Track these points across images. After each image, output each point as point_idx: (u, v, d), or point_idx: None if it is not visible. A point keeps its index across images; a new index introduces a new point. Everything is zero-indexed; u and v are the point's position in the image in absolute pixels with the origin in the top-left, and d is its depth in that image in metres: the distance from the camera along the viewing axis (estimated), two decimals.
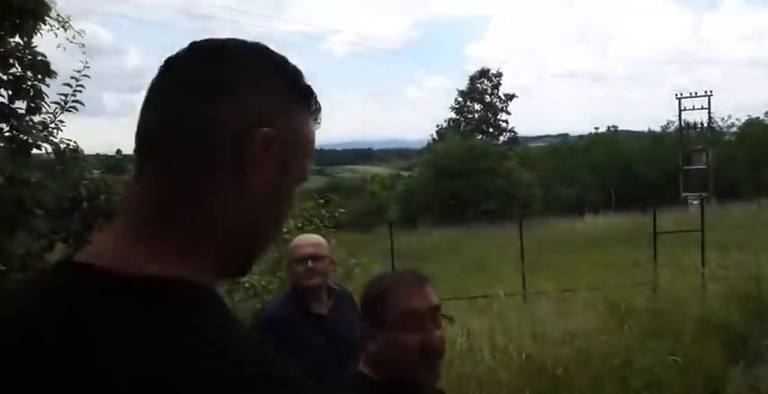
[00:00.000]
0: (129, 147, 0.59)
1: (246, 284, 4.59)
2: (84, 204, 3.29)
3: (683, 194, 29.46)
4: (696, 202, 21.43)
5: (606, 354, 4.40)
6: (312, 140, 0.63)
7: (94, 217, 3.28)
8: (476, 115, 40.51)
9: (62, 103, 3.45)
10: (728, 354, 4.76)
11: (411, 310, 1.18)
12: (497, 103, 40.80)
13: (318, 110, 0.64)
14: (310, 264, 2.29)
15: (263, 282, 4.75)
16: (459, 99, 40.54)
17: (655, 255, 8.35)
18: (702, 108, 33.08)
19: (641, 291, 6.17)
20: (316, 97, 0.63)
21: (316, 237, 2.52)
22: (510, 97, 40.97)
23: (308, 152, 0.62)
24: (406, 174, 46.48)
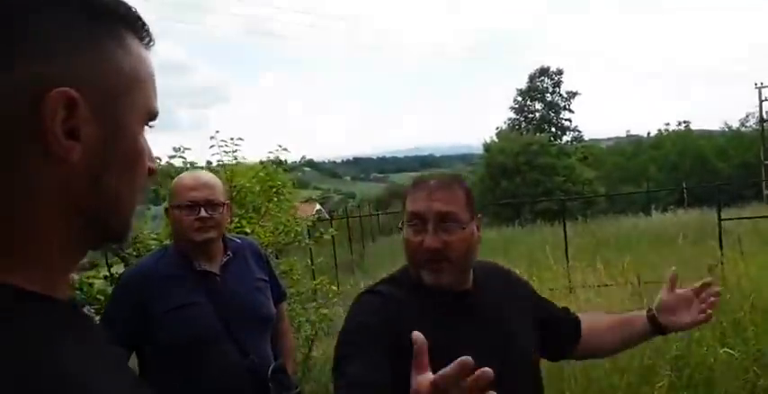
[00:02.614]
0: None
1: None
2: None
3: (766, 192, 27.16)
4: None
5: (659, 347, 3.88)
6: (138, 68, 0.54)
7: None
8: (536, 115, 39.24)
9: None
10: None
11: (413, 212, 1.23)
12: (559, 102, 39.39)
13: (141, 24, 0.54)
14: (203, 212, 1.84)
15: None
16: (519, 98, 39.43)
17: (720, 246, 7.49)
18: None
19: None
20: (131, 12, 0.54)
21: (209, 176, 1.97)
22: (572, 95, 39.47)
23: (134, 86, 0.53)
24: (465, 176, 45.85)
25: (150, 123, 0.57)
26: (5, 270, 0.48)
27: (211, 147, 3.77)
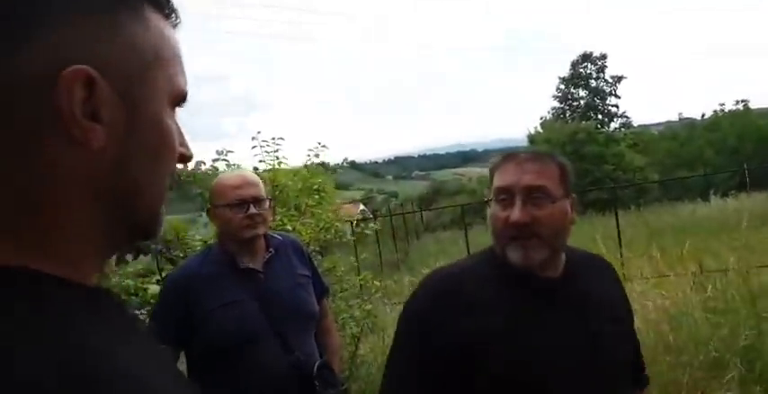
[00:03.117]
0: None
1: None
2: None
3: None
4: None
5: (725, 338, 3.66)
6: (162, 46, 0.50)
7: None
8: (581, 102, 38.25)
9: None
10: None
11: (501, 186, 1.18)
12: (604, 87, 38.26)
13: (166, 3, 0.51)
14: (253, 209, 1.84)
15: None
16: (562, 87, 38.50)
17: None
18: None
19: None
20: None
21: (251, 174, 2.02)
22: (618, 79, 38.23)
23: (158, 65, 0.50)
24: None
25: (180, 105, 0.54)
26: (26, 256, 0.45)
27: (253, 147, 3.79)
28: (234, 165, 3.81)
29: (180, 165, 0.56)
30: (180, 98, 0.53)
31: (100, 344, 0.43)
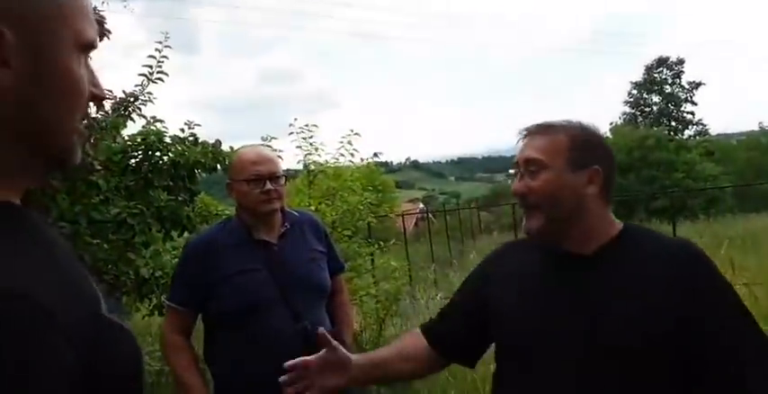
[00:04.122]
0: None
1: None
2: (146, 163, 3.33)
3: None
4: None
5: None
6: (73, 1, 0.57)
7: (155, 175, 3.30)
8: (654, 108, 36.62)
9: (148, 74, 3.58)
10: None
11: (514, 162, 1.25)
12: (680, 93, 36.48)
13: None
14: (269, 185, 1.91)
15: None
16: (634, 91, 37.01)
17: None
18: None
19: None
20: None
21: (268, 150, 2.09)
22: (695, 85, 36.38)
23: (63, 16, 0.56)
24: None
25: (88, 51, 0.60)
26: None
27: (290, 133, 3.92)
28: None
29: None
30: (87, 46, 0.59)
31: None
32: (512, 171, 1.29)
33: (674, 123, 36.11)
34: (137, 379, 0.60)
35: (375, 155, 4.52)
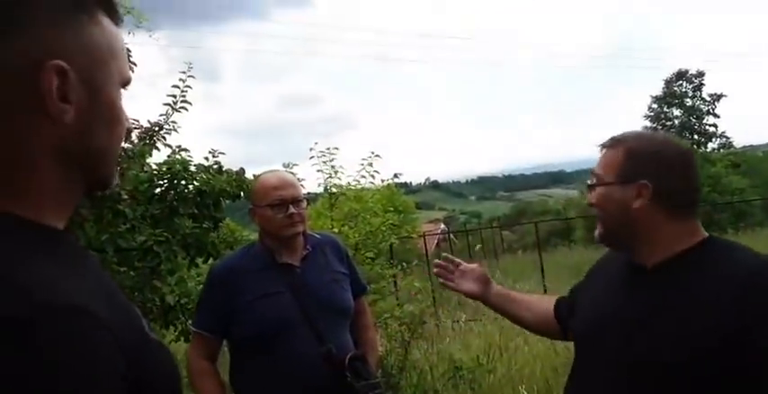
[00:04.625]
0: None
1: None
2: (172, 192, 3.39)
3: None
4: None
5: None
6: (113, 43, 0.65)
7: (180, 203, 3.36)
8: (675, 122, 36.21)
9: (172, 104, 3.68)
10: None
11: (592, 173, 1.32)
12: (701, 106, 36.06)
13: (112, 7, 0.65)
14: (292, 209, 1.94)
15: None
16: (654, 106, 36.69)
17: None
18: None
19: None
20: None
21: (289, 175, 2.12)
22: (717, 97, 35.93)
23: (110, 58, 0.64)
24: None
25: (125, 87, 0.68)
26: (9, 203, 0.59)
27: (311, 157, 3.96)
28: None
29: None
30: (126, 82, 0.67)
31: (42, 273, 0.54)
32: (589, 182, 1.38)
33: (696, 136, 35.61)
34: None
35: (395, 175, 4.54)
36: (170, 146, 3.51)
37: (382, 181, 4.33)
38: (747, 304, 1.07)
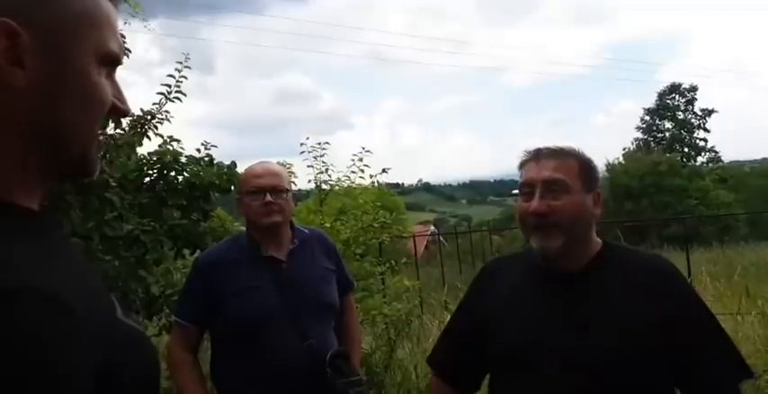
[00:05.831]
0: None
1: None
2: (161, 182, 3.36)
3: None
4: None
5: None
6: (94, 11, 0.58)
7: (169, 194, 3.33)
8: (666, 134, 36.55)
9: (166, 93, 3.65)
10: None
11: (523, 181, 1.28)
12: (692, 120, 36.43)
13: None
14: (268, 197, 1.92)
15: None
16: (647, 118, 37.00)
17: None
18: None
19: None
20: None
21: (275, 165, 2.10)
22: (708, 112, 36.35)
23: (88, 27, 0.57)
24: None
25: (111, 65, 0.61)
26: None
27: (301, 152, 3.95)
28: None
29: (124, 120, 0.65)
30: (108, 58, 0.60)
31: (10, 255, 0.50)
32: (515, 191, 1.33)
33: (686, 150, 35.98)
34: (153, 382, 0.60)
35: (384, 170, 4.49)
36: (161, 136, 3.48)
37: (371, 176, 4.30)
38: (660, 290, 1.25)
